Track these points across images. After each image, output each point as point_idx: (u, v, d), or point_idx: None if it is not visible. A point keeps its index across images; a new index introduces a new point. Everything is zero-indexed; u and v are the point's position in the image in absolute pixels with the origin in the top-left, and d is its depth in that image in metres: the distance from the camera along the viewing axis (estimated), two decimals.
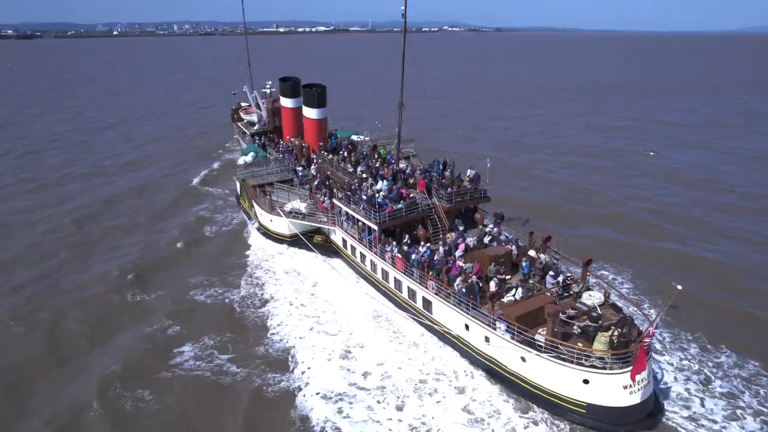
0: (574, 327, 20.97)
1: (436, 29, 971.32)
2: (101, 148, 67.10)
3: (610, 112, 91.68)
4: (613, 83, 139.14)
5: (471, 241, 27.58)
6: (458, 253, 26.41)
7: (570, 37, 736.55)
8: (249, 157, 44.83)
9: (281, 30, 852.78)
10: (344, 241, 32.38)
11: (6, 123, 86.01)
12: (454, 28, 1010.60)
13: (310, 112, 43.39)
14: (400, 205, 28.76)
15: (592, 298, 22.84)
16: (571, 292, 23.34)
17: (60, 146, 68.70)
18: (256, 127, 52.64)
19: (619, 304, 23.22)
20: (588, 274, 24.13)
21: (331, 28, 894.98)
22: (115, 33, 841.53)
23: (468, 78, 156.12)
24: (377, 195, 30.00)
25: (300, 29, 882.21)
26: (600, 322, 20.81)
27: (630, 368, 18.27)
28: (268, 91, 55.33)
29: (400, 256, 26.67)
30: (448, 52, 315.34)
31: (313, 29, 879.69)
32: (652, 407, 19.85)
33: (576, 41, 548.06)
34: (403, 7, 29.20)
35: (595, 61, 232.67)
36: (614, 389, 18.82)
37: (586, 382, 19.03)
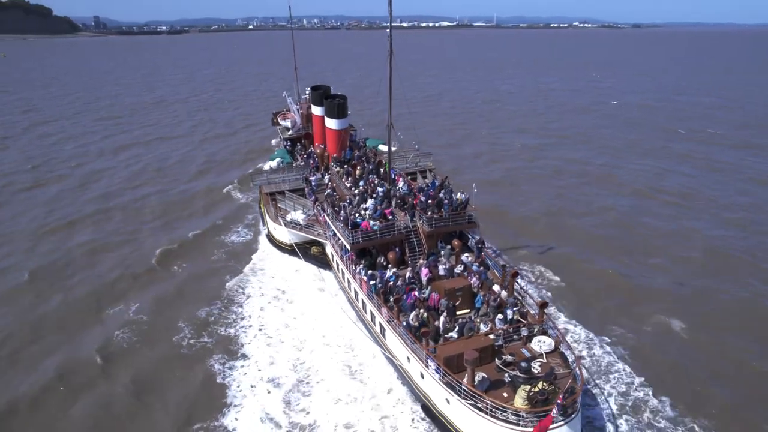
0: (506, 375, 20.06)
1: (565, 25, 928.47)
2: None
3: None
4: None
5: (443, 268, 26.95)
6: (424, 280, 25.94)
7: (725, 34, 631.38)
8: (274, 163, 46.61)
9: (404, 25, 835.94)
10: (332, 256, 32.93)
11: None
12: (586, 24, 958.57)
13: (331, 123, 44.19)
14: (375, 226, 28.67)
15: (541, 344, 21.63)
16: (522, 336, 22.20)
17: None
18: (290, 132, 54.51)
19: (569, 356, 21.63)
20: (545, 317, 22.75)
21: (455, 23, 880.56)
22: (250, 27, 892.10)
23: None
24: (359, 214, 30.08)
25: (423, 24, 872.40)
26: (534, 372, 19.70)
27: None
28: (306, 96, 56.91)
29: (365, 278, 26.74)
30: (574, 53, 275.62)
31: (437, 24, 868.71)
32: None
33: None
34: (388, 30, 28.74)
35: None
36: None
37: None
